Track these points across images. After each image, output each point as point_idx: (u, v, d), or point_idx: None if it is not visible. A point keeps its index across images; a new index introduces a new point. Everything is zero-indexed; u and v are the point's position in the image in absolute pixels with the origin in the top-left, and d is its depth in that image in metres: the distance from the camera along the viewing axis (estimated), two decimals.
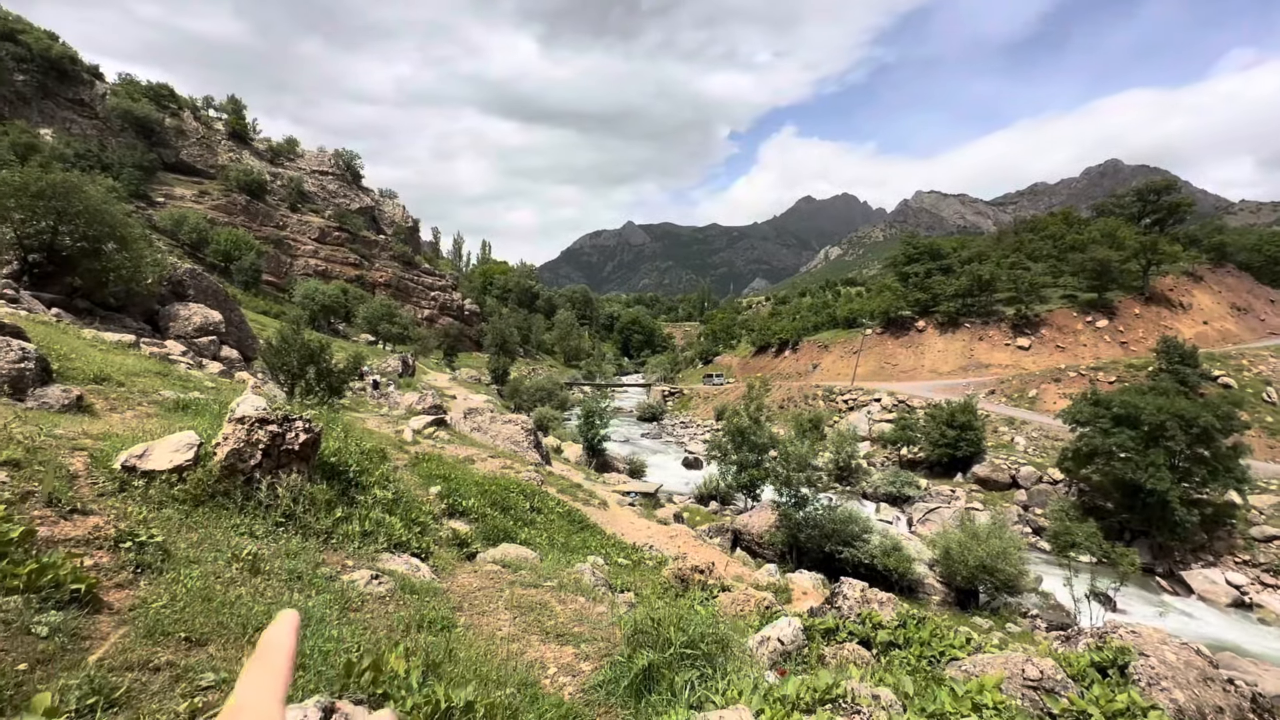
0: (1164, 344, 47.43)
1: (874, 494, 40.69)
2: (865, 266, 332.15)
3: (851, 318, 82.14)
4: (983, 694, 4.77)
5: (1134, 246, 64.41)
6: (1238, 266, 75.20)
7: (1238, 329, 63.09)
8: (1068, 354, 59.70)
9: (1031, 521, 35.78)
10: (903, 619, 6.38)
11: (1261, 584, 28.79)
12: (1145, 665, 5.18)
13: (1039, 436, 43.75)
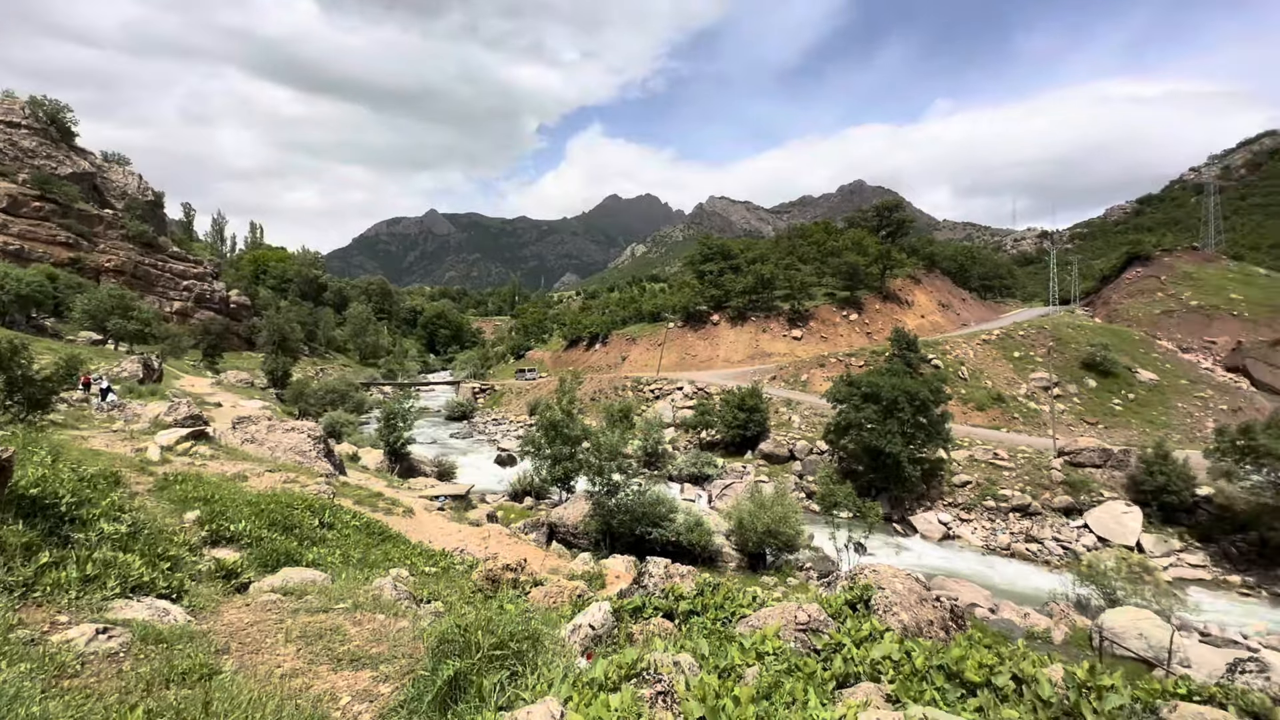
0: (896, 334, 58.27)
1: (679, 476, 43.83)
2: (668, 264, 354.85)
3: (656, 312, 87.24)
4: (764, 643, 5.42)
5: (875, 254, 78.09)
6: (942, 272, 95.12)
7: (943, 321, 79.93)
8: (830, 343, 70.29)
9: (805, 488, 41.54)
10: (701, 588, 6.99)
11: (960, 519, 37.00)
12: (882, 597, 6.39)
13: (810, 414, 50.87)
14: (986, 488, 38.56)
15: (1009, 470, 39.79)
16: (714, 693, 3.85)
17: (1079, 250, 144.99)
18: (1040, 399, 54.45)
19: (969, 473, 40.07)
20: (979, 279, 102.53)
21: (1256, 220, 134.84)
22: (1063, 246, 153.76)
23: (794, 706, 4.04)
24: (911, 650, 5.26)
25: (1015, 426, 50.46)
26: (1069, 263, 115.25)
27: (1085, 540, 33.60)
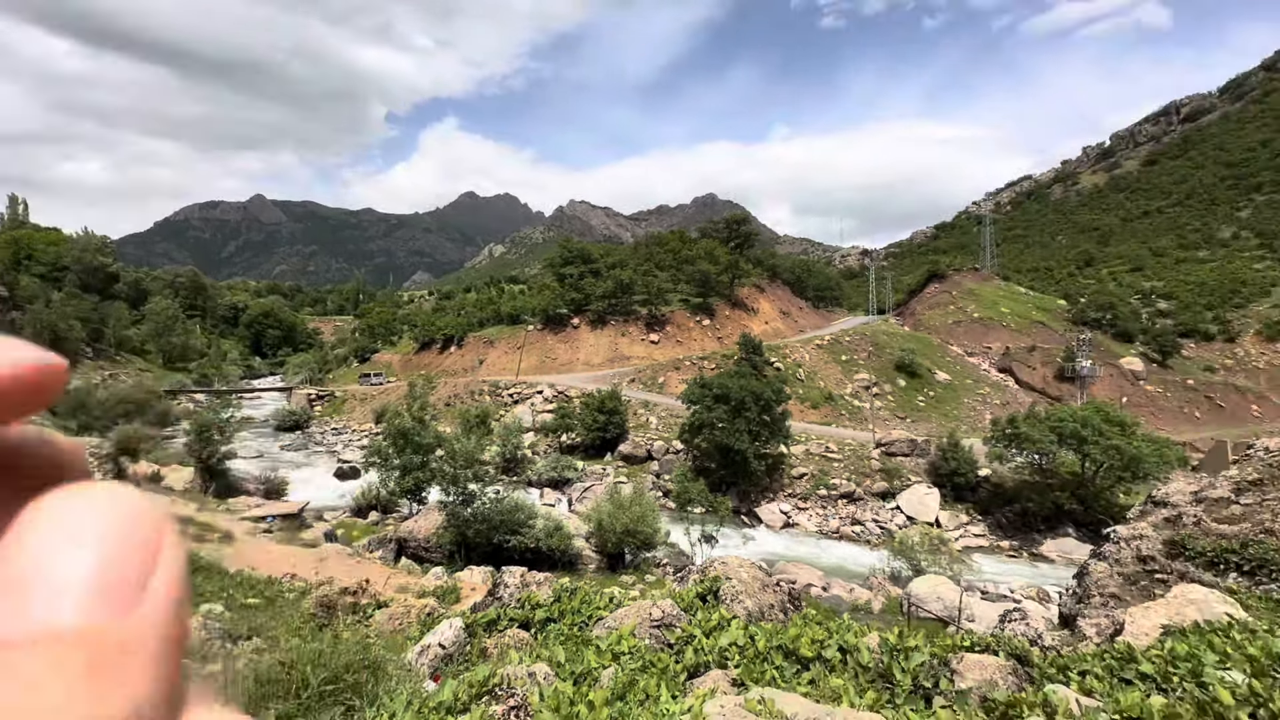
0: (743, 339, 62.63)
1: (538, 480, 43.23)
2: (527, 265, 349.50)
3: (515, 314, 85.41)
4: (620, 643, 5.50)
5: (725, 263, 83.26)
6: (783, 282, 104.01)
7: (784, 327, 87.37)
8: (685, 347, 73.64)
9: (662, 486, 43.03)
10: (558, 594, 6.93)
11: (798, 508, 40.61)
12: (730, 586, 6.81)
13: (666, 416, 52.85)
14: (820, 478, 42.72)
15: (838, 462, 44.46)
16: (568, 700, 3.82)
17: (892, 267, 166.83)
18: (862, 397, 61.58)
19: (805, 465, 44.12)
20: (813, 290, 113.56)
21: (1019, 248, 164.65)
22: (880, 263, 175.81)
23: (647, 703, 4.13)
24: (755, 634, 5.64)
25: (843, 422, 56.53)
26: (885, 278, 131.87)
27: (898, 520, 38.52)
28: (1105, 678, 5.30)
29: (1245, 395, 77.10)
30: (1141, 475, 33.83)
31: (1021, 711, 4.27)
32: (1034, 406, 48.91)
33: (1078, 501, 36.81)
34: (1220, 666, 5.44)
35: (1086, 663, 5.83)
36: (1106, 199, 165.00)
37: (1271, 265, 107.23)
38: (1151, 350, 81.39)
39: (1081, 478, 37.44)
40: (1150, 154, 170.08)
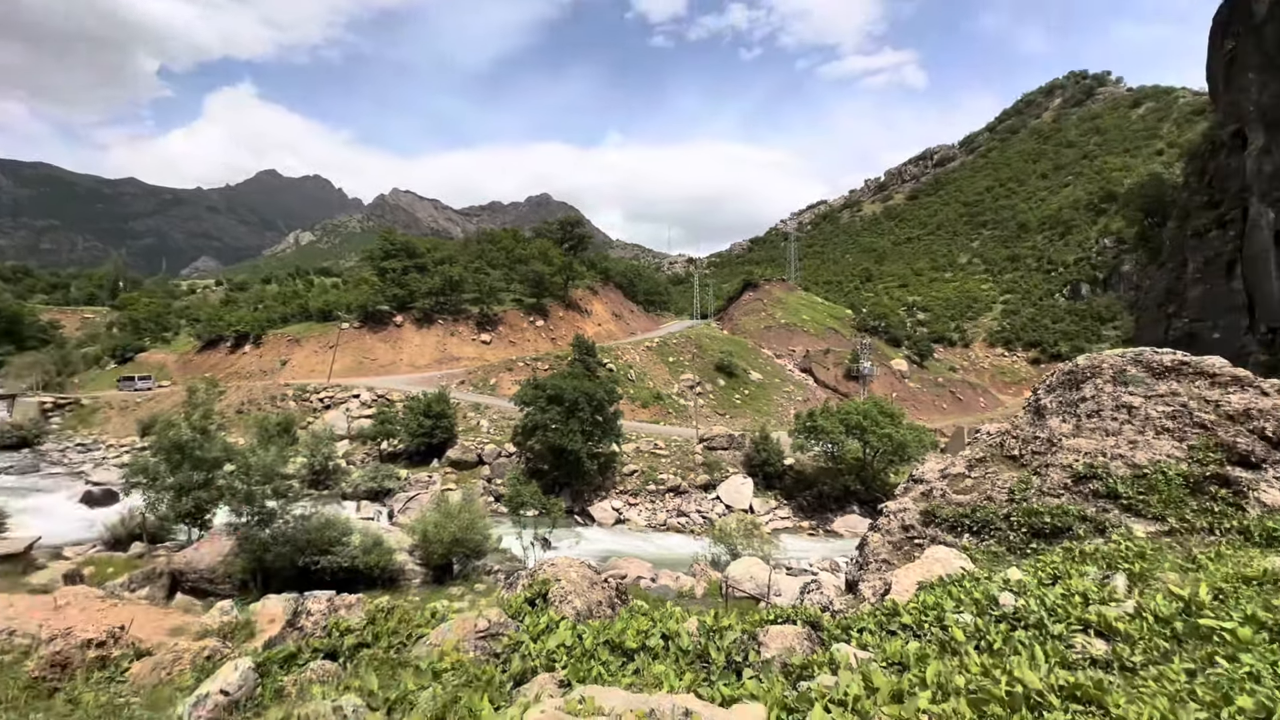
0: (576, 340, 63.24)
1: (355, 493, 39.46)
2: (342, 257, 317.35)
3: (327, 310, 77.03)
4: (443, 660, 5.21)
5: (559, 264, 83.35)
6: (616, 285, 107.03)
7: (616, 329, 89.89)
8: (518, 347, 72.31)
9: (494, 491, 41.78)
10: (372, 615, 6.37)
11: (629, 504, 42.02)
12: (559, 588, 6.81)
13: (499, 418, 51.42)
14: (649, 474, 44.64)
15: (666, 457, 46.84)
16: None
17: (714, 275, 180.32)
18: (687, 396, 65.63)
19: (636, 462, 45.81)
20: (644, 294, 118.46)
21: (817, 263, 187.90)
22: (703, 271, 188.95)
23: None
24: (583, 633, 5.70)
25: (670, 420, 59.71)
26: (707, 285, 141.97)
27: (718, 509, 41.65)
28: (877, 632, 6.23)
29: (975, 390, 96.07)
30: (906, 458, 40.47)
31: (813, 671, 4.83)
32: (828, 402, 56.17)
33: (861, 483, 42.94)
34: (956, 611, 6.69)
35: (864, 621, 6.80)
36: (882, 225, 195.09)
37: (992, 286, 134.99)
38: (913, 353, 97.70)
39: (864, 462, 43.75)
40: (913, 190, 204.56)
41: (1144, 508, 11.43)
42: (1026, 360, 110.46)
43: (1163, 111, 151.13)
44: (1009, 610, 6.28)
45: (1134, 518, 11.58)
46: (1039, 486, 13.15)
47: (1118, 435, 13.06)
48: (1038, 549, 11.38)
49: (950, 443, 48.47)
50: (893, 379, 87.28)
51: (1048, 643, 5.21)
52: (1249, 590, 5.75)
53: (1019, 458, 14.42)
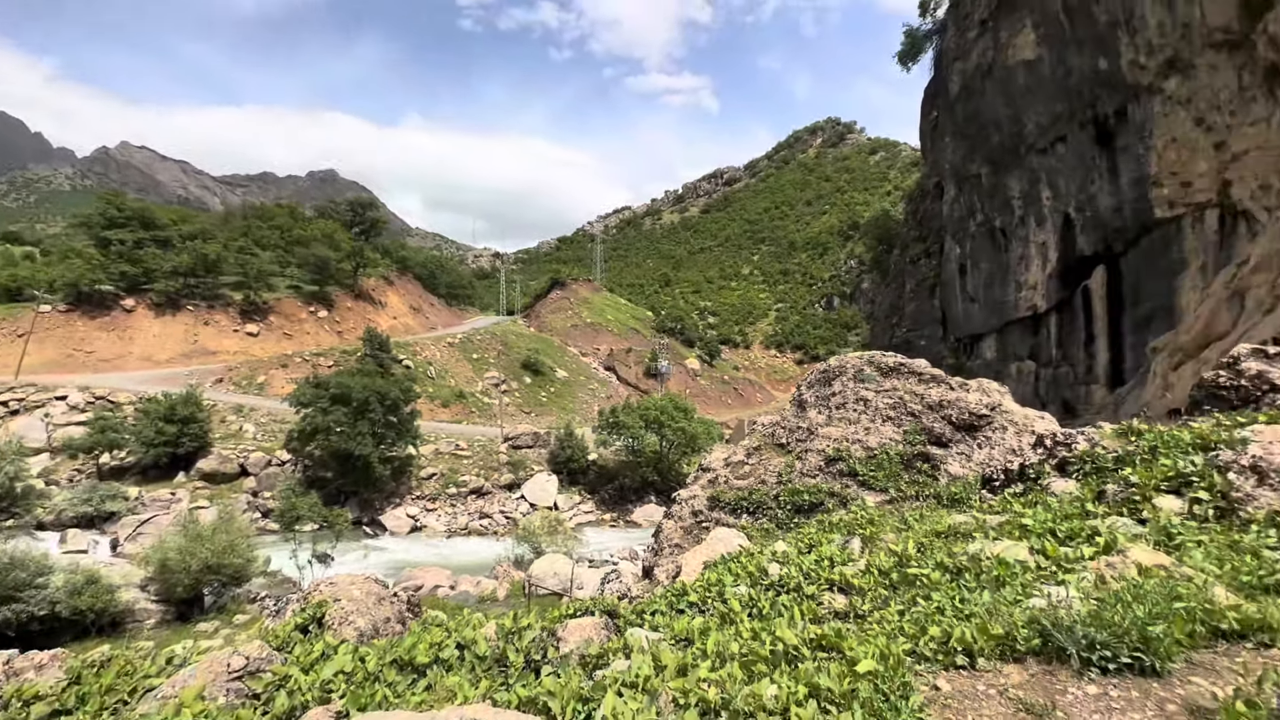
0: (368, 334, 57.69)
1: (58, 520, 31.26)
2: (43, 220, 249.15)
3: (17, 288, 59.72)
4: (180, 714, 4.34)
5: (348, 249, 75.18)
6: (414, 276, 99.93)
7: (415, 324, 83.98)
8: (295, 341, 63.62)
9: (262, 506, 36.25)
10: (76, 673, 5.05)
11: (427, 510, 39.56)
12: (339, 609, 6.11)
13: (268, 421, 44.74)
14: (450, 477, 42.50)
15: (468, 458, 45.02)
16: None
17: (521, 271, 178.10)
18: (492, 394, 63.88)
19: (435, 465, 43.29)
20: (446, 287, 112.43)
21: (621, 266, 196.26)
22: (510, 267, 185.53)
23: None
24: (366, 655, 5.19)
25: (473, 419, 57.55)
26: (515, 281, 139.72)
27: (523, 508, 41.22)
28: (667, 613, 6.67)
29: (754, 386, 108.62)
30: (697, 448, 44.22)
31: (609, 658, 5.00)
32: (629, 399, 59.08)
33: (658, 474, 45.84)
34: (735, 584, 7.45)
35: (656, 604, 7.23)
36: (679, 235, 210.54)
37: (769, 295, 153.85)
38: (704, 353, 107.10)
39: (660, 454, 46.77)
40: (706, 205, 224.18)
41: (874, 482, 13.95)
42: (794, 360, 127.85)
43: (891, 160, 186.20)
44: (776, 579, 7.18)
45: (868, 491, 14.08)
46: (800, 469, 15.30)
47: (857, 424, 15.74)
48: (799, 523, 13.22)
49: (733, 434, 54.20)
50: (687, 376, 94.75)
51: (804, 603, 6.06)
52: (939, 542, 7.31)
53: (786, 445, 16.60)
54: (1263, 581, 4.88)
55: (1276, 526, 5.86)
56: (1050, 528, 6.70)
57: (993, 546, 6.19)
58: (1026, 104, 49.61)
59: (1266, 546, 5.45)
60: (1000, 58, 51.50)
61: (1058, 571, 5.38)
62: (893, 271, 76.14)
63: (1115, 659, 3.64)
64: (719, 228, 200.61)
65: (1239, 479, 6.69)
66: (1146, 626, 3.70)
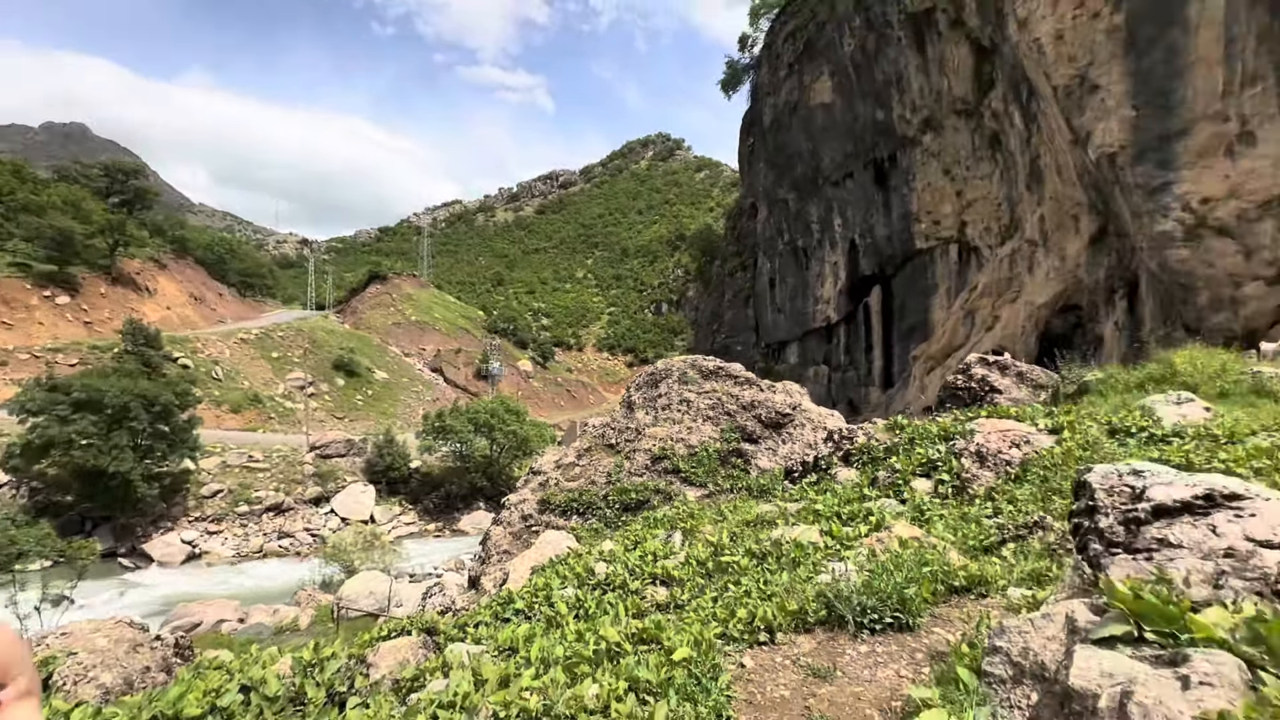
0: (130, 326, 47.99)
1: None
2: None
3: None
4: None
5: (101, 223, 61.71)
6: (197, 261, 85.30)
7: (196, 315, 71.68)
8: (19, 333, 50.71)
9: None
10: None
11: (209, 533, 33.93)
12: (74, 663, 4.93)
13: None
14: (240, 493, 36.95)
15: (264, 471, 39.51)
16: None
17: (335, 262, 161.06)
18: (296, 398, 56.84)
19: (221, 480, 37.36)
20: (239, 274, 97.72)
21: (451, 262, 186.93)
22: (320, 256, 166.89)
23: None
24: (111, 717, 4.28)
25: (272, 426, 50.69)
26: (326, 272, 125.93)
27: (332, 524, 37.22)
28: (492, 623, 6.46)
29: (587, 388, 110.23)
30: (529, 452, 43.59)
31: (425, 679, 4.70)
32: (457, 402, 56.35)
33: (488, 479, 44.34)
34: (562, 587, 7.45)
35: (480, 615, 6.97)
36: (513, 233, 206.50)
37: (602, 299, 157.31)
38: (537, 355, 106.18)
39: (491, 459, 45.30)
40: (541, 205, 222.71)
41: (695, 478, 14.90)
42: (625, 363, 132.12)
43: (714, 179, 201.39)
44: (602, 578, 7.32)
45: (690, 486, 15.01)
46: (629, 469, 15.83)
47: (680, 423, 16.70)
48: (627, 521, 13.65)
49: (566, 436, 54.43)
50: (519, 378, 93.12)
51: (628, 598, 6.26)
52: (749, 530, 8.03)
53: (615, 445, 17.05)
54: (982, 544, 6.09)
55: (992, 500, 7.36)
56: (836, 511, 7.70)
57: (791, 531, 6.95)
58: (824, 141, 56.85)
59: (985, 516, 6.81)
60: (804, 98, 58.40)
61: (841, 549, 6.20)
62: (714, 282, 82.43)
63: (881, 620, 4.29)
64: (554, 229, 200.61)
65: (968, 462, 8.30)
66: (903, 590, 4.41)
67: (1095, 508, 3.26)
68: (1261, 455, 6.34)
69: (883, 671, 3.77)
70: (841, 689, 3.61)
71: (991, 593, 4.74)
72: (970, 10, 37.28)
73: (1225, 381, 12.07)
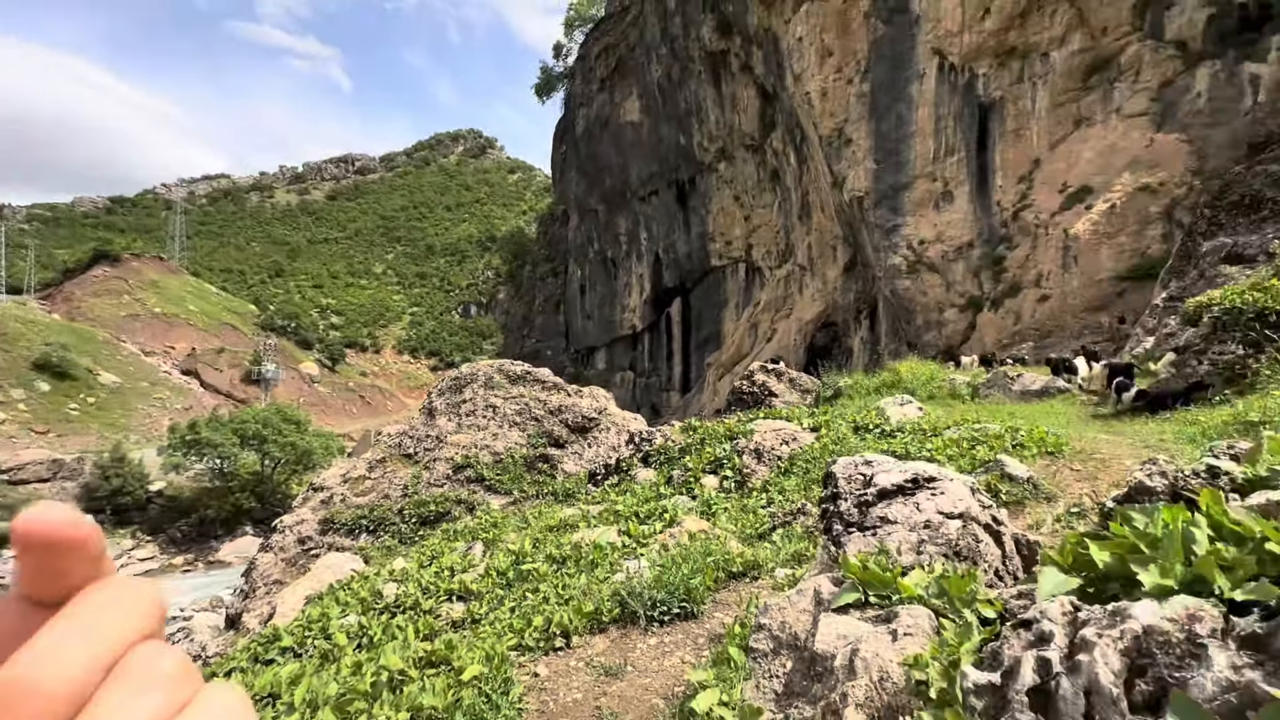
0: None
1: None
2: None
3: None
4: None
5: None
6: None
7: None
8: None
9: None
10: None
11: None
12: None
13: None
14: None
15: None
16: None
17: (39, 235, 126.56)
18: None
19: None
20: None
21: (213, 245, 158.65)
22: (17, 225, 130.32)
23: None
24: None
25: None
26: (25, 246, 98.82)
27: None
28: (249, 667, 5.54)
29: (384, 394, 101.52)
30: (312, 465, 38.68)
31: None
32: (218, 410, 47.82)
33: (257, 499, 38.34)
34: (343, 615, 6.68)
35: (236, 659, 5.94)
36: (298, 219, 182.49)
37: (403, 298, 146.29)
38: (325, 357, 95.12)
39: (262, 475, 39.28)
40: (333, 190, 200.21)
41: (500, 485, 14.51)
42: (429, 367, 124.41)
43: (528, 182, 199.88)
44: (392, 600, 6.73)
45: (494, 495, 14.55)
46: (428, 479, 14.86)
47: (486, 429, 16.17)
48: (424, 535, 12.78)
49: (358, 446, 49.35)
50: (301, 383, 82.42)
51: (420, 619, 5.82)
52: (551, 536, 8.01)
53: (414, 455, 15.90)
54: (758, 531, 6.82)
55: (766, 491, 8.30)
56: (635, 510, 8.05)
57: (592, 533, 7.09)
58: (633, 158, 59.78)
59: (760, 506, 7.65)
60: (615, 114, 60.84)
61: (637, 547, 6.48)
62: (525, 286, 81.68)
63: (670, 611, 4.56)
64: (349, 218, 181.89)
65: (748, 459, 9.27)
66: (689, 580, 4.73)
67: (838, 494, 3.83)
68: (953, 444, 8.07)
69: (669, 660, 3.99)
70: (631, 683, 3.74)
71: (763, 575, 5.31)
72: (757, 59, 42.18)
73: (933, 387, 15.19)
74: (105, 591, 0.36)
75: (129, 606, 0.35)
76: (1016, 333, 27.32)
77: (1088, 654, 1.67)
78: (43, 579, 0.34)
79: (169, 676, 0.35)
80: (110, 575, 0.37)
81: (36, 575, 0.34)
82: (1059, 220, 26.58)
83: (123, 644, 0.34)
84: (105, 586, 0.36)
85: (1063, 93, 27.22)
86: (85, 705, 0.32)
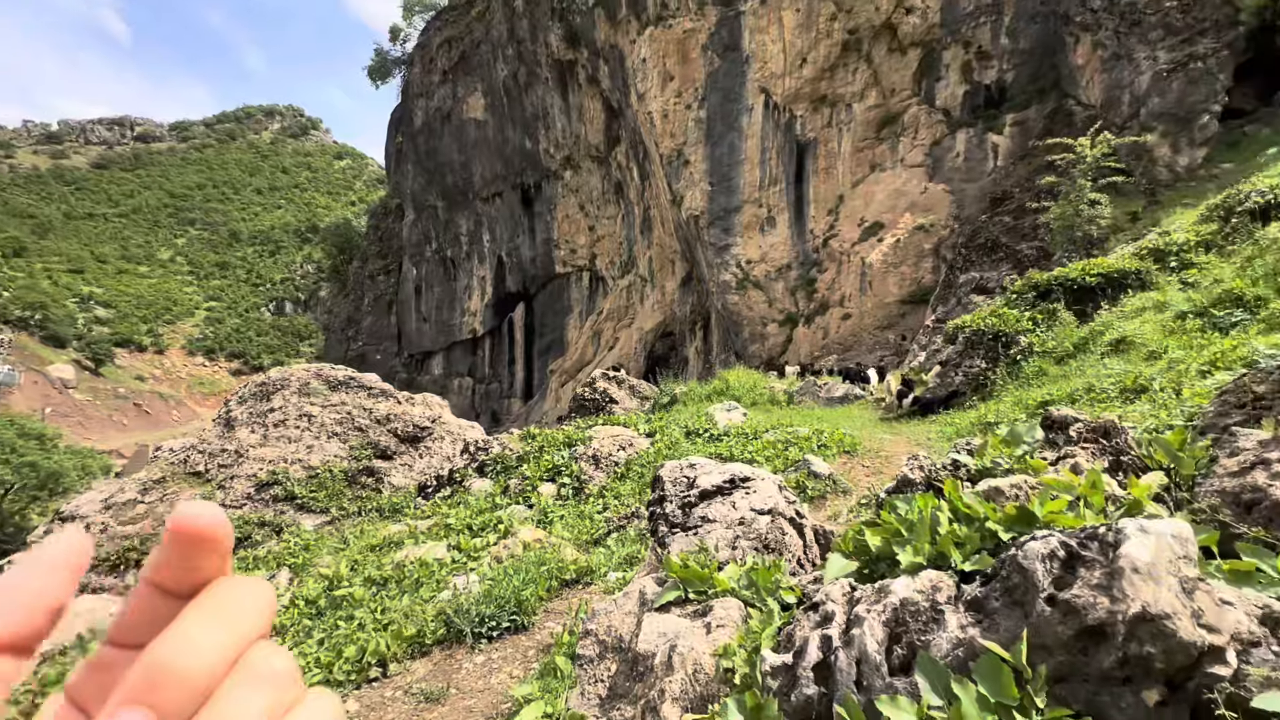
0: None
1: None
2: None
3: None
4: None
5: None
6: None
7: None
8: None
9: None
10: None
11: None
12: None
13: None
14: None
15: None
16: None
17: None
18: None
19: None
20: None
21: None
22: None
23: None
24: None
25: None
26: None
27: None
28: None
29: (168, 402, 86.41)
30: (63, 490, 31.62)
31: None
32: None
33: None
34: None
35: None
36: (49, 187, 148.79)
37: (197, 290, 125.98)
38: (85, 357, 78.61)
39: None
40: (102, 157, 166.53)
41: (314, 504, 13.04)
42: (229, 371, 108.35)
43: (357, 171, 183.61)
44: None
45: (306, 514, 13.02)
46: (222, 500, 12.86)
47: (299, 441, 14.46)
48: None
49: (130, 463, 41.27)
50: (50, 389, 67.18)
51: None
52: (373, 556, 7.37)
53: (204, 473, 13.70)
54: (593, 537, 6.89)
55: (603, 497, 8.42)
56: (468, 523, 7.70)
57: (418, 550, 6.64)
58: (476, 157, 57.76)
59: (596, 512, 7.75)
60: (457, 109, 58.37)
61: (468, 561, 6.20)
62: (352, 283, 74.76)
63: (499, 626, 4.41)
64: (125, 193, 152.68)
65: (586, 465, 9.35)
66: (520, 592, 4.63)
67: (664, 496, 4.00)
68: (770, 446, 8.87)
69: (496, 678, 3.86)
70: (453, 706, 3.55)
71: (596, 580, 5.37)
72: (604, 73, 43.18)
73: (756, 394, 16.60)
74: (235, 588, 0.39)
75: (254, 603, 0.39)
76: (825, 345, 30.97)
77: (859, 628, 1.92)
78: (182, 571, 0.38)
79: (283, 675, 0.39)
80: (231, 573, 0.41)
81: (177, 567, 0.38)
82: (858, 250, 30.70)
83: (248, 639, 0.38)
84: (233, 583, 0.40)
85: (862, 140, 31.57)
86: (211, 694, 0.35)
